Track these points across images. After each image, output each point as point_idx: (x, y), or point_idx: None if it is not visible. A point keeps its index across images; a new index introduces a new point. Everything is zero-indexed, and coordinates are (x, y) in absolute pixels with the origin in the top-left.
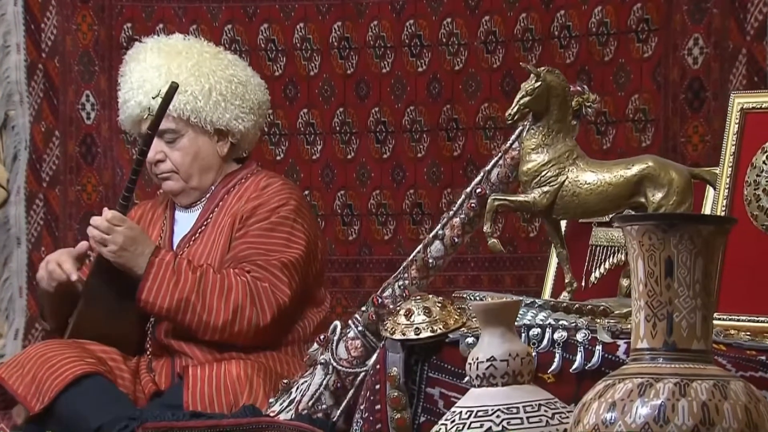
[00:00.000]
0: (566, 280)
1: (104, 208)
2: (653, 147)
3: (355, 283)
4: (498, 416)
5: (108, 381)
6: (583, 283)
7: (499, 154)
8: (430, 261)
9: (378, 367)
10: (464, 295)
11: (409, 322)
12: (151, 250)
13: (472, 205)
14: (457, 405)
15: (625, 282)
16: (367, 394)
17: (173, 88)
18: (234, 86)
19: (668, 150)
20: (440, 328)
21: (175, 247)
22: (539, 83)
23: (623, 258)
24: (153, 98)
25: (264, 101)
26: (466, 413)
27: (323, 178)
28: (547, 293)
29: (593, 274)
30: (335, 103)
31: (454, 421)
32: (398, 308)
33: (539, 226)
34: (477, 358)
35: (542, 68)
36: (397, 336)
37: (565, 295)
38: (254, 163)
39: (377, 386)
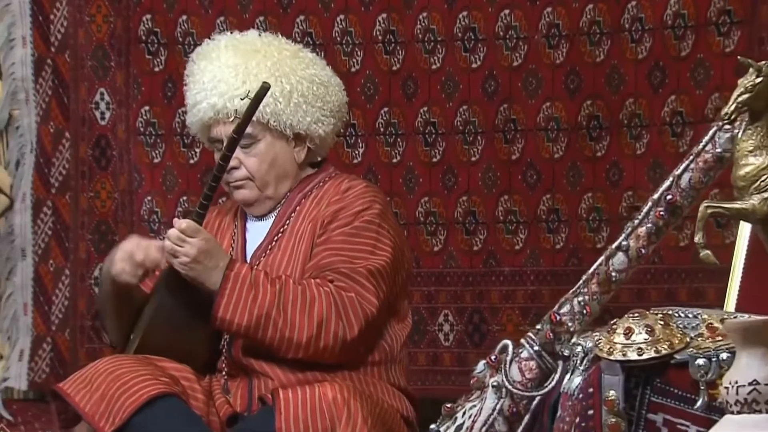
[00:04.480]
0: None
1: (174, 219)
2: None
3: None
4: None
5: (183, 403)
6: None
7: (690, 158)
8: (613, 275)
9: (591, 390)
10: (670, 312)
11: (629, 342)
12: (226, 263)
13: (660, 213)
14: None
15: None
16: (576, 419)
17: (265, 89)
18: (315, 87)
19: None
20: (665, 348)
21: (249, 259)
22: (760, 79)
23: None
24: (241, 99)
25: (343, 103)
26: None
27: None
28: (731, 306)
29: None
30: (379, 102)
31: None
32: (614, 326)
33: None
34: (735, 382)
35: (763, 62)
36: (616, 356)
37: None
38: (331, 166)
39: (590, 411)
